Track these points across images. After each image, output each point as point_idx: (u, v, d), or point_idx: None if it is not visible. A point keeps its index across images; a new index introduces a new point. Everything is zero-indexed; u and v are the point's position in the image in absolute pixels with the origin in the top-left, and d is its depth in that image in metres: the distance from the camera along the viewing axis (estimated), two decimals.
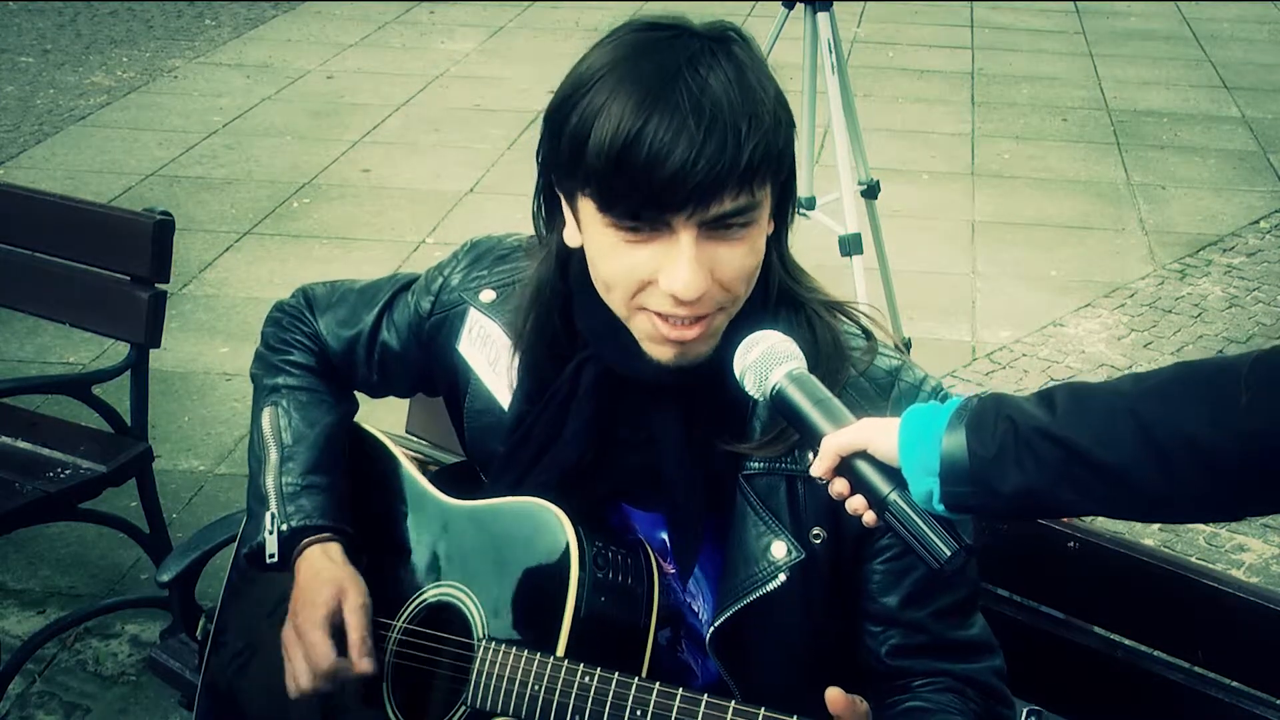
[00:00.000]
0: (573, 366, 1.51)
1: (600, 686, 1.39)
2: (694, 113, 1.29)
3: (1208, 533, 3.60)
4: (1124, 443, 1.19)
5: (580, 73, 1.37)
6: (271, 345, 1.80)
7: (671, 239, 1.33)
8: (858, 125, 3.91)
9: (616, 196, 1.32)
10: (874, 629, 1.49)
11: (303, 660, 1.58)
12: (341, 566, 1.63)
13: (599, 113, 1.32)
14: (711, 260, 1.34)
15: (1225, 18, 8.82)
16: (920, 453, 1.26)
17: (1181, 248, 5.38)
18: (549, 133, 1.40)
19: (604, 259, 1.38)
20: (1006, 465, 1.22)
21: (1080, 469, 1.21)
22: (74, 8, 8.51)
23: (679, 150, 1.28)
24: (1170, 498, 1.19)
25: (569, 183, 1.39)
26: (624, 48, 1.36)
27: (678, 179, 1.29)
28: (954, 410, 1.27)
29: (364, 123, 6.53)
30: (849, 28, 7.98)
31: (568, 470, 1.51)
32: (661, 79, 1.31)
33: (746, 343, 1.38)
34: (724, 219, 1.33)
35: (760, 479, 1.46)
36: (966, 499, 1.25)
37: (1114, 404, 1.21)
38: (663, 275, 1.34)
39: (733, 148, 1.30)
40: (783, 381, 1.34)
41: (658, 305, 1.37)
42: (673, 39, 1.35)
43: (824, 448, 1.31)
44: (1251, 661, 1.64)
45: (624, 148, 1.29)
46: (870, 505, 1.30)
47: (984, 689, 1.49)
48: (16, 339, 4.42)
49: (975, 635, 1.50)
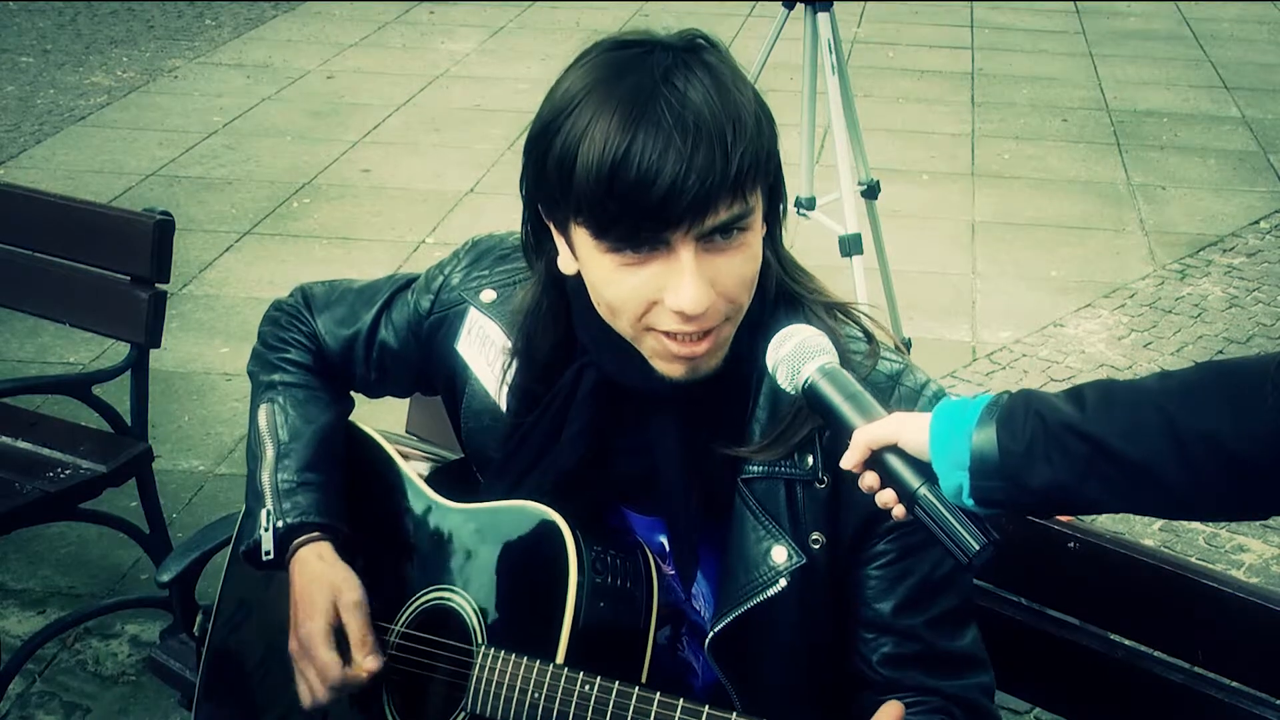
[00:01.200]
0: (572, 371, 1.50)
1: (600, 696, 1.38)
2: (678, 128, 1.29)
3: (1208, 533, 3.60)
4: (1151, 441, 1.19)
5: (557, 99, 1.36)
6: (269, 344, 1.79)
7: (671, 257, 1.33)
8: (858, 125, 3.91)
9: (611, 221, 1.32)
10: (867, 636, 1.48)
11: (314, 675, 1.58)
12: (333, 565, 1.62)
13: (582, 137, 1.31)
14: (713, 272, 1.34)
15: (1225, 18, 8.82)
16: (951, 447, 1.27)
17: (1181, 248, 5.38)
18: (532, 162, 1.39)
19: (606, 286, 1.37)
20: (1036, 461, 1.23)
21: (1108, 466, 1.21)
22: (74, 8, 8.51)
23: (669, 167, 1.28)
24: (1196, 496, 1.20)
25: (559, 212, 1.38)
26: (598, 69, 1.35)
27: (670, 195, 1.28)
28: (985, 406, 1.28)
29: (364, 123, 6.53)
30: (849, 28, 7.98)
31: (565, 474, 1.50)
32: (640, 97, 1.30)
33: (779, 337, 1.38)
34: (720, 229, 1.33)
35: (759, 483, 1.45)
36: (996, 494, 1.25)
37: (1141, 402, 1.21)
38: (668, 294, 1.34)
39: (721, 158, 1.29)
40: (815, 375, 1.35)
41: (665, 324, 1.36)
42: (644, 55, 1.34)
43: (855, 441, 1.31)
44: (1251, 661, 1.64)
45: (613, 170, 1.29)
46: (900, 499, 1.31)
47: (971, 709, 1.48)
48: (16, 339, 4.42)
49: (967, 648, 1.49)
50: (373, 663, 1.56)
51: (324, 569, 1.62)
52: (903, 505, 1.31)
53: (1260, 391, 1.15)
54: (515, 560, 1.52)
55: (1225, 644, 1.64)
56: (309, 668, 1.58)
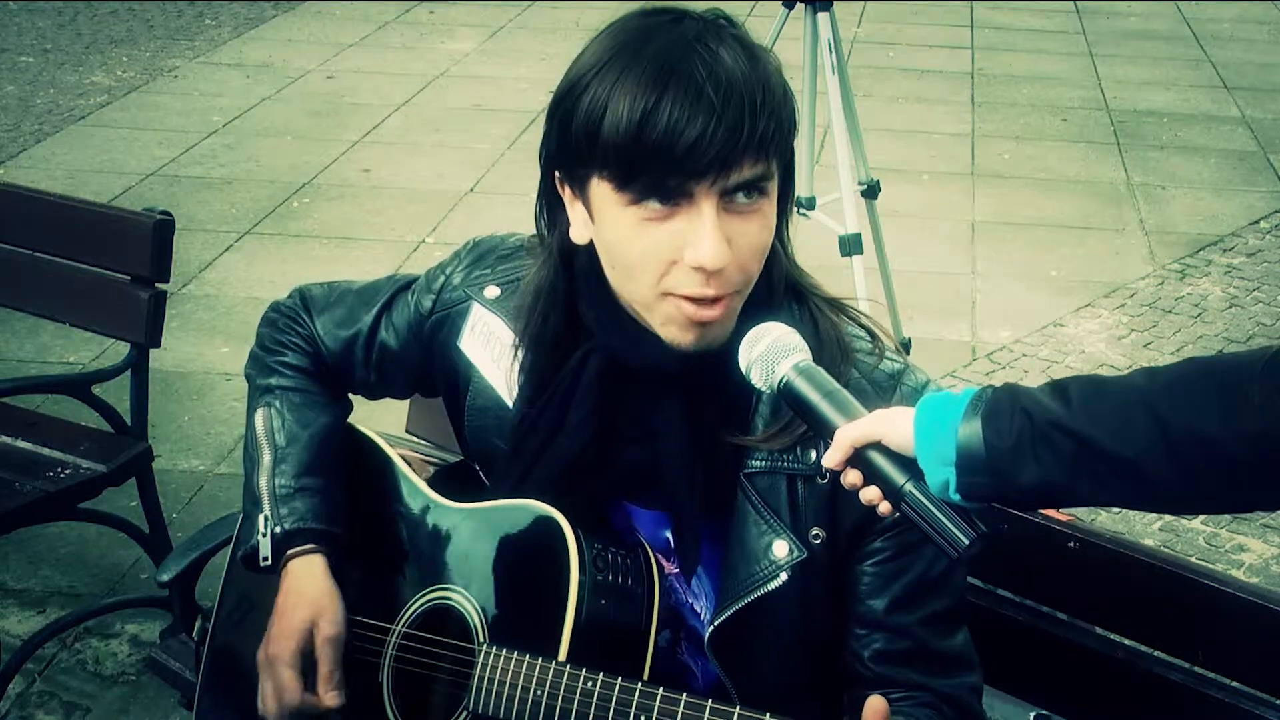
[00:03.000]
0: (577, 357, 1.50)
1: (603, 692, 1.38)
2: (710, 81, 1.31)
3: (1208, 533, 3.60)
4: (1139, 438, 1.19)
5: (584, 62, 1.38)
6: (266, 346, 1.79)
7: (693, 211, 1.34)
8: (858, 125, 3.91)
9: (638, 171, 1.33)
10: (859, 632, 1.48)
11: (271, 692, 1.60)
12: (320, 583, 1.62)
13: (611, 93, 1.33)
14: (730, 233, 1.35)
15: (1225, 18, 8.82)
16: (936, 442, 1.26)
17: (1181, 248, 5.38)
18: (557, 124, 1.40)
19: (626, 242, 1.38)
20: (1024, 457, 1.23)
21: (1096, 463, 1.21)
22: (74, 8, 8.51)
23: (700, 118, 1.30)
24: (1185, 492, 1.20)
25: (582, 169, 1.39)
26: (627, 33, 1.37)
27: (699, 145, 1.30)
28: (969, 400, 1.27)
29: (364, 123, 6.53)
30: (849, 28, 7.98)
31: (570, 464, 1.50)
32: (673, 55, 1.33)
33: (751, 336, 1.38)
34: (743, 187, 1.34)
35: (761, 477, 1.46)
36: (983, 489, 1.26)
37: (1129, 399, 1.21)
38: (688, 249, 1.35)
39: (750, 116, 1.32)
40: (790, 374, 1.35)
41: (684, 286, 1.37)
42: (673, 23, 1.37)
43: (838, 439, 1.31)
44: (1251, 661, 1.64)
45: (643, 119, 1.30)
46: (885, 496, 1.31)
47: (960, 707, 1.48)
48: (16, 339, 4.42)
49: (958, 647, 1.50)
50: (334, 699, 1.58)
51: (312, 587, 1.62)
52: (888, 502, 1.31)
53: (1247, 391, 1.15)
54: (516, 558, 1.52)
55: (1225, 644, 1.64)
56: (268, 684, 1.60)
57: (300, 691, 1.58)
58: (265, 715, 1.60)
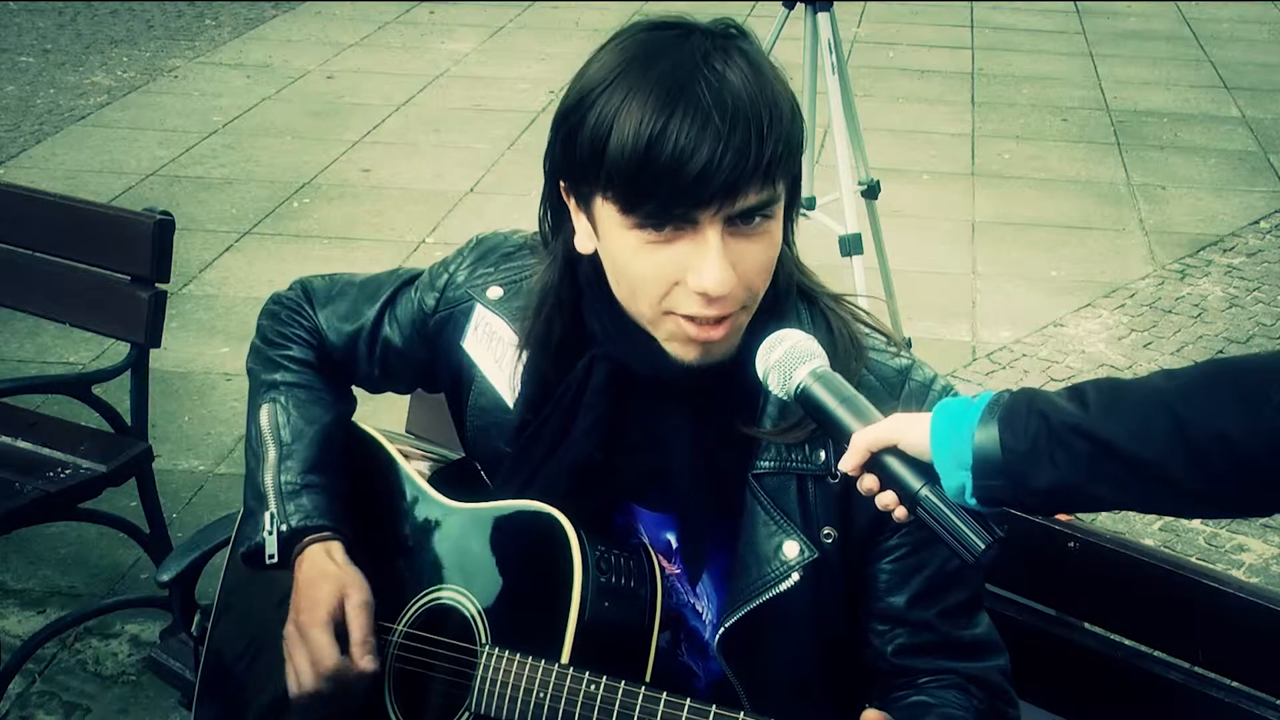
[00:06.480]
0: (583, 364, 1.50)
1: (606, 695, 1.38)
2: (717, 108, 1.29)
3: (1208, 533, 3.60)
4: (1158, 440, 1.19)
5: (591, 75, 1.36)
6: (269, 339, 1.77)
7: (697, 237, 1.33)
8: (858, 125, 3.91)
9: (642, 196, 1.31)
10: (880, 628, 1.48)
11: (305, 659, 1.56)
12: (343, 565, 1.62)
13: (618, 112, 1.31)
14: (735, 257, 1.34)
15: (1225, 18, 8.82)
16: (952, 446, 1.26)
17: (1181, 248, 5.38)
18: (562, 138, 1.39)
19: (629, 263, 1.37)
20: (1040, 460, 1.23)
21: (1115, 465, 1.21)
22: (74, 8, 8.51)
23: (706, 145, 1.28)
24: (1205, 495, 1.20)
25: (586, 187, 1.38)
26: (634, 48, 1.35)
27: (705, 174, 1.29)
28: (986, 404, 1.27)
29: (364, 123, 6.53)
30: (849, 28, 7.98)
31: (577, 469, 1.50)
32: (679, 76, 1.31)
33: (768, 342, 1.37)
34: (748, 213, 1.33)
35: (770, 478, 1.45)
36: (999, 493, 1.25)
37: (1148, 400, 1.21)
38: (691, 275, 1.34)
39: (756, 142, 1.30)
40: (807, 380, 1.35)
41: (686, 307, 1.36)
42: (681, 38, 1.35)
43: (854, 444, 1.31)
44: (1251, 661, 1.64)
45: (649, 145, 1.29)
46: (901, 500, 1.31)
47: (990, 687, 1.49)
48: (16, 339, 4.42)
49: (981, 634, 1.50)
50: (370, 663, 1.55)
51: (334, 567, 1.61)
52: (904, 507, 1.31)
53: (1266, 391, 1.15)
54: (519, 559, 1.52)
55: (1225, 644, 1.64)
56: (301, 652, 1.56)
57: (335, 653, 1.55)
58: (299, 688, 1.56)
